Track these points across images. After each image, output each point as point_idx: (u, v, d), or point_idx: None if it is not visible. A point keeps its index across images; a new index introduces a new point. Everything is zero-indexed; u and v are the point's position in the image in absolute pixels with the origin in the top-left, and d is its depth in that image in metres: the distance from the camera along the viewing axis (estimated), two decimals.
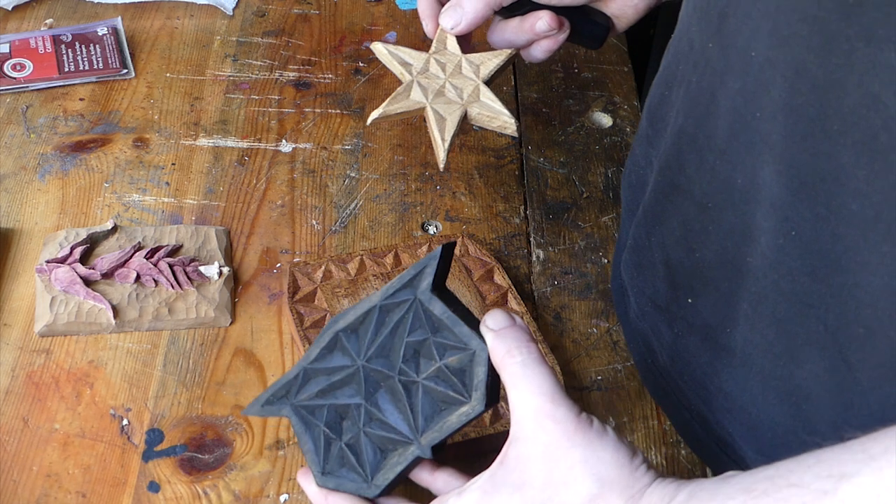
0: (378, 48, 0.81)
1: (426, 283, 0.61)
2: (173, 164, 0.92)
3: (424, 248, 0.83)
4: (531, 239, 0.89)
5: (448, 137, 0.75)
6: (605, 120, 1.01)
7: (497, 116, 0.77)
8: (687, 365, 0.66)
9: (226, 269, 0.81)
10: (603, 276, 0.86)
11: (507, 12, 0.80)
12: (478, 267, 0.82)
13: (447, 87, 0.78)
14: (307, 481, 0.64)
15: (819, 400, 0.56)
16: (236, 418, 0.73)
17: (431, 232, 0.88)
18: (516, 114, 1.01)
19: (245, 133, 0.96)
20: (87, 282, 0.79)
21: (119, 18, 1.07)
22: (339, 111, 0.99)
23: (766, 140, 0.53)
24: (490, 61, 0.80)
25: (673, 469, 0.72)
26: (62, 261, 0.80)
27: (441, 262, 0.61)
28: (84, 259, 0.81)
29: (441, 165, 0.76)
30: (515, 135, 0.78)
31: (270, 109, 0.99)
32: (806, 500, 0.44)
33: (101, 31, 1.04)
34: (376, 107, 0.78)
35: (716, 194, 0.58)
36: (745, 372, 0.61)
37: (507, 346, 0.56)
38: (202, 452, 0.71)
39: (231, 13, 1.10)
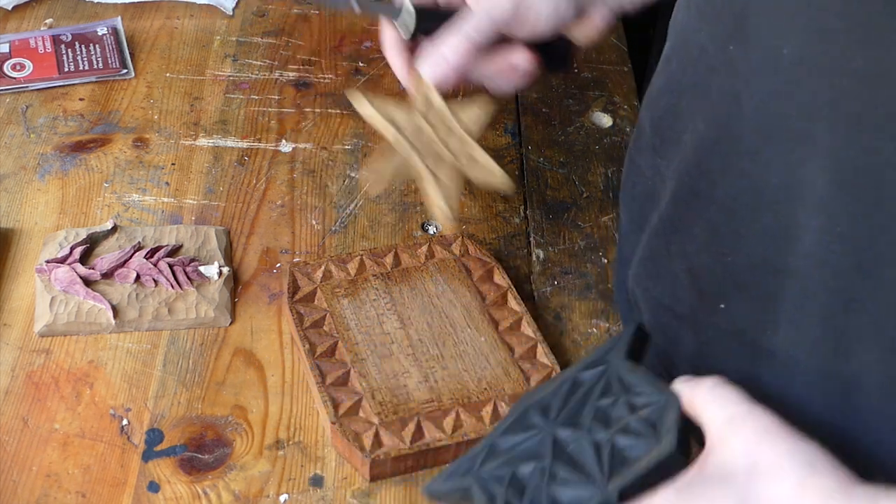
0: (361, 102, 0.77)
1: (620, 353, 0.61)
2: (173, 164, 0.92)
3: (424, 247, 0.83)
4: (531, 239, 0.89)
5: (453, 204, 0.74)
6: (605, 120, 1.01)
7: (491, 173, 0.75)
8: (717, 373, 0.65)
9: (226, 269, 0.81)
10: (603, 276, 0.86)
11: None
12: (478, 267, 0.82)
13: (435, 142, 0.75)
14: None
15: (870, 391, 0.56)
16: (236, 418, 0.73)
17: (431, 232, 0.88)
18: (516, 114, 1.01)
19: (245, 133, 0.96)
20: (87, 282, 0.79)
21: (119, 18, 1.07)
22: (339, 111, 0.99)
23: (806, 138, 0.52)
24: (476, 113, 0.76)
25: None
26: (62, 261, 0.80)
27: (637, 338, 0.62)
28: (84, 259, 0.80)
29: (452, 223, 0.75)
30: (510, 190, 0.76)
31: (270, 109, 0.99)
32: None
33: (101, 31, 1.04)
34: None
35: (747, 197, 0.57)
36: (789, 373, 0.60)
37: (695, 383, 0.56)
38: (202, 452, 0.71)
39: (231, 13, 1.10)
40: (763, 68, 0.53)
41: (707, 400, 0.55)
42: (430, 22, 0.77)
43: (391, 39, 0.79)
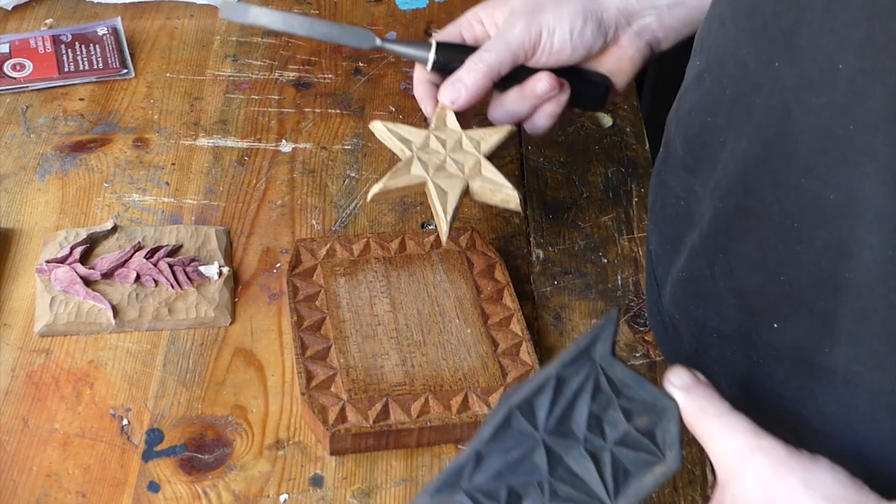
0: (377, 127, 0.79)
1: (606, 347, 0.59)
2: (173, 164, 0.92)
3: (432, 237, 0.83)
4: (531, 239, 0.89)
5: (450, 211, 0.74)
6: (605, 120, 1.01)
7: (500, 189, 0.76)
8: (769, 393, 0.64)
9: (226, 269, 0.81)
10: (603, 276, 0.86)
11: (504, 84, 0.79)
12: (481, 261, 0.82)
13: (448, 161, 0.77)
14: None
15: None
16: (236, 418, 0.73)
17: None
18: None
19: (245, 133, 0.96)
20: (87, 282, 0.79)
21: (119, 18, 1.07)
22: (339, 111, 0.99)
23: (866, 152, 0.51)
24: (491, 136, 0.79)
25: None
26: (62, 261, 0.80)
27: (614, 330, 0.60)
28: (84, 259, 0.81)
29: (444, 239, 0.75)
30: (519, 209, 0.76)
31: (270, 109, 0.99)
32: None
33: (101, 31, 1.04)
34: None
35: (802, 213, 0.56)
36: (849, 391, 0.59)
37: (699, 403, 0.55)
38: (202, 452, 0.71)
39: None
40: (818, 83, 0.53)
41: (714, 427, 0.54)
42: (455, 55, 0.79)
43: (418, 75, 0.82)
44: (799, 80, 0.54)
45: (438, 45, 0.80)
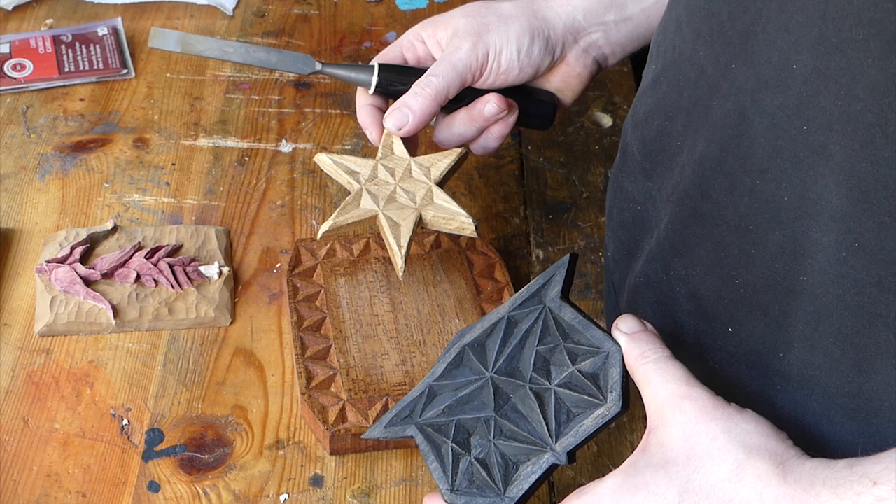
0: (322, 160, 0.77)
1: (555, 290, 0.61)
2: (173, 164, 0.92)
3: (432, 237, 0.83)
4: (531, 239, 0.89)
5: (404, 244, 0.72)
6: (605, 120, 1.01)
7: (454, 217, 0.73)
8: (726, 397, 0.64)
9: (226, 269, 0.81)
10: (602, 276, 0.86)
11: (450, 106, 0.77)
12: (481, 261, 0.82)
13: (398, 192, 0.74)
14: (436, 502, 0.61)
15: (891, 411, 0.55)
16: (236, 418, 0.73)
17: None
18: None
19: (245, 133, 0.96)
20: (87, 282, 0.79)
21: (119, 18, 1.07)
22: (339, 111, 0.99)
23: (820, 152, 0.51)
24: (440, 162, 0.76)
25: None
26: (62, 261, 0.80)
27: (568, 271, 0.62)
28: (84, 259, 0.81)
29: (400, 274, 0.72)
30: (475, 235, 0.74)
31: (270, 109, 0.99)
32: None
33: (101, 31, 1.04)
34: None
35: (757, 216, 0.56)
36: (805, 394, 0.59)
37: (640, 349, 0.57)
38: (202, 452, 0.71)
39: (231, 13, 1.10)
40: (773, 84, 0.53)
41: (650, 372, 0.56)
42: (398, 78, 0.77)
43: (361, 100, 0.79)
44: (755, 82, 0.54)
45: (381, 67, 0.78)
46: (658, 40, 0.66)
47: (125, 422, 0.72)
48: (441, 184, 0.76)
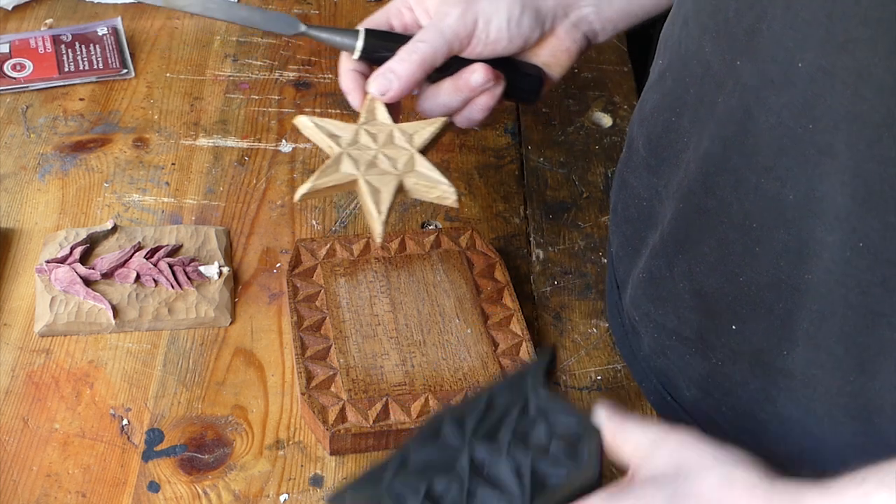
0: (302, 122, 0.74)
1: (538, 379, 0.62)
2: (173, 164, 0.92)
3: (432, 237, 0.83)
4: (531, 239, 0.89)
5: (384, 210, 0.68)
6: (605, 120, 1.01)
7: (435, 186, 0.70)
8: (728, 395, 0.64)
9: (226, 269, 0.81)
10: (602, 276, 0.86)
11: (436, 75, 0.75)
12: (481, 261, 0.82)
13: (380, 157, 0.71)
14: None
15: (894, 411, 0.55)
16: (236, 418, 0.73)
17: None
18: (516, 114, 1.01)
19: (245, 133, 0.96)
20: (87, 282, 0.79)
21: (119, 18, 1.07)
22: (339, 111, 0.99)
23: (826, 151, 0.51)
24: (424, 129, 0.73)
25: None
26: (62, 261, 0.80)
27: (550, 361, 0.62)
28: (84, 259, 0.80)
29: (378, 240, 0.69)
30: (456, 205, 0.71)
31: (270, 109, 0.99)
32: None
33: (101, 31, 1.04)
34: None
35: (762, 214, 0.56)
36: (807, 393, 0.59)
37: (620, 422, 0.56)
38: (202, 452, 0.71)
39: None
40: (778, 83, 0.52)
41: (630, 430, 0.55)
42: (384, 44, 0.75)
43: (345, 64, 0.77)
44: (760, 80, 0.54)
45: (367, 32, 0.76)
46: (665, 35, 0.66)
47: (125, 422, 0.72)
48: (424, 151, 0.73)
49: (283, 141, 0.95)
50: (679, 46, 0.62)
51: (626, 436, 0.55)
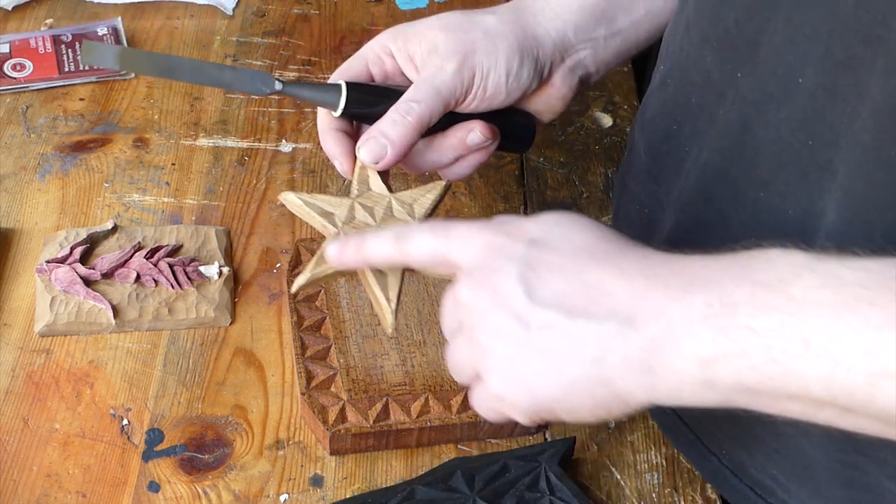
0: (290, 199, 0.66)
1: (555, 455, 0.65)
2: (173, 164, 0.92)
3: None
4: None
5: (393, 297, 0.60)
6: (605, 120, 1.01)
7: None
8: (726, 411, 0.64)
9: (226, 269, 0.81)
10: None
11: (426, 130, 0.68)
12: None
13: None
14: None
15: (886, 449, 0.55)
16: (236, 418, 0.73)
17: None
18: None
19: (245, 133, 0.96)
20: (87, 282, 0.79)
21: (119, 18, 1.07)
22: None
23: (826, 167, 0.50)
24: (423, 197, 0.67)
25: (672, 469, 0.72)
26: (62, 261, 0.80)
27: (567, 447, 0.67)
28: (84, 259, 0.80)
29: (390, 331, 0.61)
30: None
31: (270, 109, 0.99)
32: None
33: (101, 31, 1.04)
34: None
35: (761, 228, 0.55)
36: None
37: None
38: (202, 452, 0.71)
39: (231, 13, 1.10)
40: (778, 97, 0.52)
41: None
42: (368, 98, 0.68)
43: (324, 123, 0.70)
44: (760, 93, 0.53)
45: (349, 86, 0.68)
46: (667, 39, 0.65)
47: (125, 422, 0.72)
48: (420, 219, 0.66)
49: (283, 141, 0.95)
50: (680, 53, 0.62)
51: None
